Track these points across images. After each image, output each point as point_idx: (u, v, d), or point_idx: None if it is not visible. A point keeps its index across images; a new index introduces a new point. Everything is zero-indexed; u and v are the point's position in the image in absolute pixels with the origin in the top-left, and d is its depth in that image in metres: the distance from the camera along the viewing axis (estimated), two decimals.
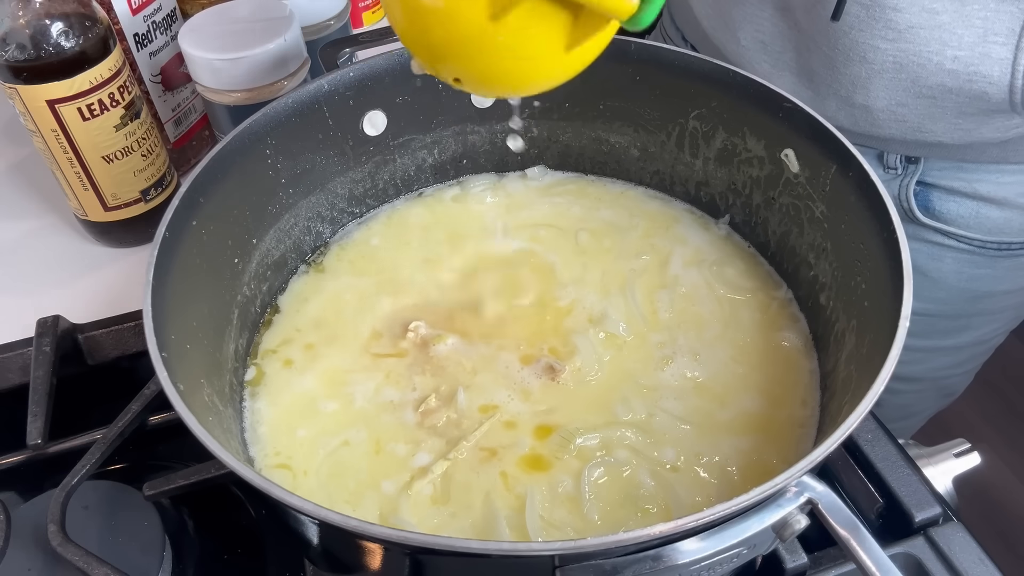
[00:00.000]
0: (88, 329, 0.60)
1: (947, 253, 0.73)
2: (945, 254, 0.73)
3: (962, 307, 0.77)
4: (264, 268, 0.56)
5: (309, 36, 0.71)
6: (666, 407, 0.49)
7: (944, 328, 0.79)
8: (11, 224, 0.75)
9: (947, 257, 0.73)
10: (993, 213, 0.70)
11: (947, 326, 0.79)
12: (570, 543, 0.32)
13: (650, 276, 0.57)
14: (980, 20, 0.57)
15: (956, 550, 0.47)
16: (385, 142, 0.61)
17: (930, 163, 0.69)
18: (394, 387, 0.51)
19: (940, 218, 0.71)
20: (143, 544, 0.48)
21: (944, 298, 0.76)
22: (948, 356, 0.84)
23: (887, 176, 0.72)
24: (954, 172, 0.69)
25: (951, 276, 0.74)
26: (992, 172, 0.68)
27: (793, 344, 0.53)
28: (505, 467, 0.47)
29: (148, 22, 0.68)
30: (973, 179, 0.69)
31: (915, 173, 0.70)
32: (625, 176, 0.65)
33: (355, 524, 0.33)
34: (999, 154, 0.67)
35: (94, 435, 0.53)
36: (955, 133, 0.65)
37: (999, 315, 0.80)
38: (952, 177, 0.69)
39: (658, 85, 0.58)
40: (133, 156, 0.65)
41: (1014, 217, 0.70)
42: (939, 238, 0.72)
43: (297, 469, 0.48)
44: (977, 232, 0.71)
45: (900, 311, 0.40)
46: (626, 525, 0.44)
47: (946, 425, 1.66)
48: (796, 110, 0.51)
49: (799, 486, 0.36)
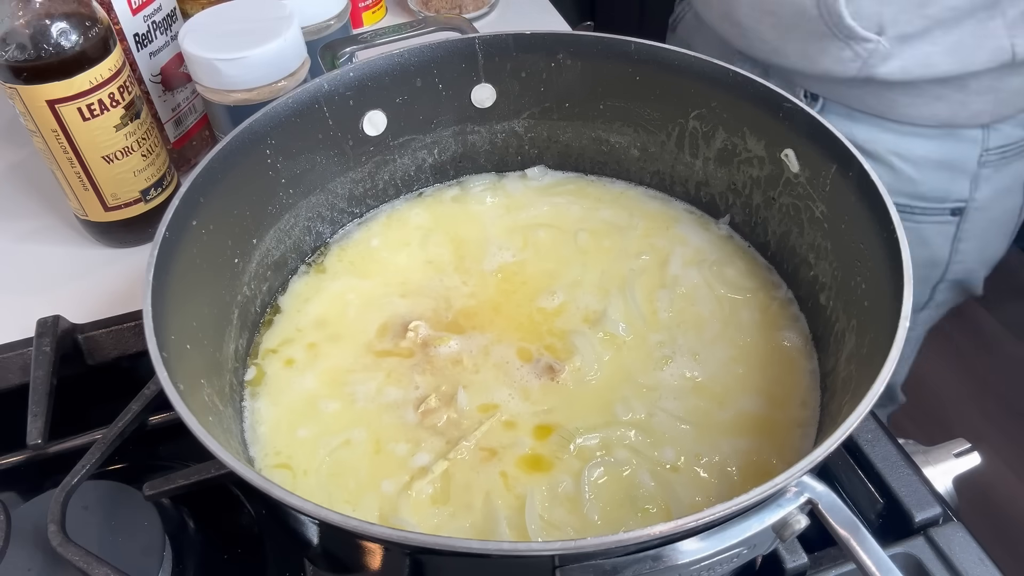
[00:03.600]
0: (88, 329, 0.60)
1: None
2: None
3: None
4: (264, 268, 0.56)
5: (309, 36, 0.71)
6: (666, 407, 0.49)
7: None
8: (11, 224, 0.75)
9: None
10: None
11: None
12: (570, 543, 0.32)
13: (650, 276, 0.57)
14: None
15: (956, 550, 0.47)
16: (385, 142, 0.61)
17: (829, 106, 0.80)
18: (395, 386, 0.51)
19: None
20: (143, 544, 0.48)
21: None
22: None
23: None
24: (844, 121, 0.79)
25: None
26: (874, 127, 0.78)
27: (793, 344, 0.53)
28: (505, 467, 0.47)
29: (148, 22, 0.68)
30: (856, 130, 0.79)
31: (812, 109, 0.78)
32: (625, 176, 0.65)
33: (355, 524, 0.33)
34: (875, 104, 0.77)
35: (94, 435, 0.53)
36: (803, 61, 0.76)
37: None
38: (841, 125, 0.75)
39: (658, 85, 0.58)
40: (133, 156, 0.65)
41: (882, 173, 0.74)
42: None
43: (297, 469, 0.48)
44: None
45: (900, 311, 0.40)
46: (626, 525, 0.44)
47: (946, 425, 1.66)
48: (796, 110, 0.51)
49: (799, 486, 0.36)
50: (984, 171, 0.80)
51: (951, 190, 0.81)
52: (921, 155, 0.79)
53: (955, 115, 0.76)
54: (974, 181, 0.80)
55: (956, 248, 0.85)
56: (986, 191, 0.81)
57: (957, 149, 0.79)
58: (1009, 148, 0.79)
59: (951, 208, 0.82)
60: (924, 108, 0.76)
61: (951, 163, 0.79)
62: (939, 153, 0.79)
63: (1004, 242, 0.91)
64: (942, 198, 0.81)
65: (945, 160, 0.79)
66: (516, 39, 0.58)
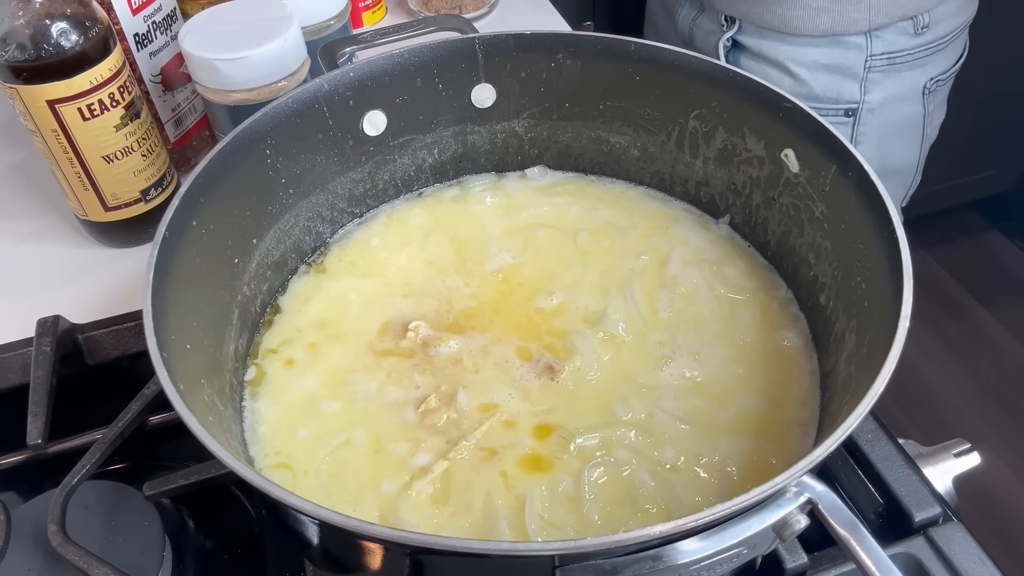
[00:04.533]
0: (88, 329, 0.60)
1: None
2: None
3: None
4: (264, 268, 0.56)
5: (309, 36, 0.71)
6: (666, 407, 0.49)
7: None
8: (11, 224, 0.75)
9: None
10: (771, 73, 0.93)
11: None
12: (570, 543, 0.32)
13: (649, 276, 0.57)
14: None
15: (956, 550, 0.47)
16: (385, 142, 0.61)
17: (744, 27, 0.94)
18: (396, 386, 0.51)
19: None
20: (143, 544, 0.48)
21: None
22: None
23: (718, 32, 0.96)
24: (756, 38, 0.93)
25: None
26: (776, 40, 0.92)
27: (793, 344, 0.53)
28: (505, 467, 0.47)
29: (148, 22, 0.68)
30: (764, 44, 0.93)
31: (730, 31, 0.95)
32: (625, 176, 0.65)
33: (355, 524, 0.33)
34: (772, 20, 0.90)
35: (94, 435, 0.53)
36: None
37: None
38: (754, 42, 0.94)
39: (658, 85, 0.58)
40: (133, 156, 0.65)
41: (783, 78, 0.92)
42: None
43: (297, 469, 0.48)
44: None
45: (900, 311, 0.40)
46: (626, 525, 0.44)
47: (946, 425, 1.66)
48: (796, 110, 0.51)
49: (799, 486, 0.36)
50: (873, 75, 0.91)
51: (842, 92, 0.92)
52: (812, 60, 0.91)
53: (835, 24, 0.88)
54: (863, 85, 0.91)
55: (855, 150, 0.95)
56: (877, 95, 0.92)
57: (845, 56, 0.90)
58: (895, 55, 0.90)
59: (844, 109, 0.93)
60: (809, 20, 0.88)
61: (840, 67, 0.90)
62: (828, 59, 0.90)
63: (911, 151, 1.00)
64: (835, 99, 0.92)
65: (834, 64, 0.90)
66: (516, 39, 0.58)
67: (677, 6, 1.03)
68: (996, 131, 1.75)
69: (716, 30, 0.97)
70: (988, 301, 1.90)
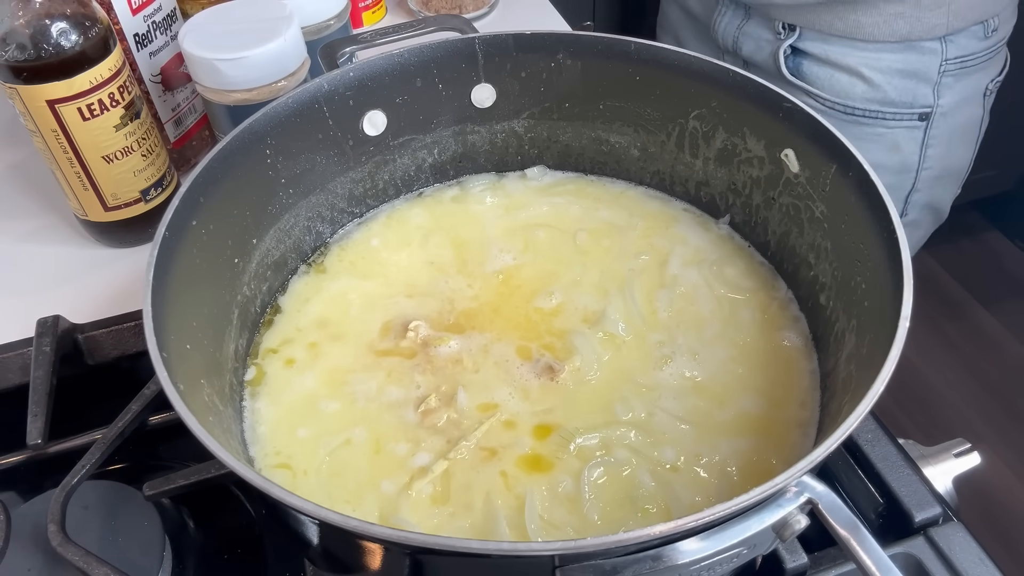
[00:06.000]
0: (88, 329, 0.60)
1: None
2: None
3: None
4: (264, 268, 0.56)
5: (309, 36, 0.71)
6: (665, 407, 0.49)
7: None
8: (11, 224, 0.75)
9: None
10: (842, 78, 0.91)
11: None
12: (570, 543, 0.32)
13: (649, 276, 0.57)
14: None
15: (956, 550, 0.47)
16: (385, 142, 0.61)
17: (805, 33, 0.92)
18: (396, 385, 0.51)
19: (804, 78, 0.93)
20: (143, 544, 0.48)
21: None
22: None
23: (774, 40, 0.94)
24: (820, 43, 0.91)
25: None
26: (845, 45, 0.90)
27: (793, 344, 0.53)
28: (505, 467, 0.47)
29: (148, 22, 0.68)
30: (831, 49, 0.91)
31: (790, 39, 0.93)
32: (625, 176, 0.65)
33: (355, 524, 0.33)
34: (843, 28, 0.88)
35: (94, 435, 0.53)
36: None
37: None
38: (818, 47, 0.92)
39: (658, 85, 0.58)
40: (133, 156, 0.65)
41: (856, 83, 0.91)
42: (803, 97, 0.92)
43: (297, 469, 0.48)
44: (828, 93, 0.92)
45: (900, 311, 0.40)
46: (626, 525, 0.44)
47: (946, 425, 1.66)
48: (796, 110, 0.51)
49: (799, 486, 0.36)
50: (946, 79, 0.91)
51: (917, 96, 0.92)
52: (887, 66, 0.90)
53: (912, 30, 0.87)
54: (937, 89, 0.91)
55: (925, 154, 0.96)
56: (949, 98, 0.92)
57: (920, 60, 0.90)
58: (967, 59, 0.90)
59: (918, 113, 0.93)
60: (885, 26, 0.87)
61: (915, 72, 0.90)
62: (902, 63, 0.90)
63: (968, 153, 1.01)
64: (909, 104, 0.92)
65: (909, 69, 0.90)
66: (516, 39, 0.58)
67: (715, 14, 1.00)
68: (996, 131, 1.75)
69: (770, 37, 0.95)
70: (988, 301, 1.90)
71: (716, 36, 1.01)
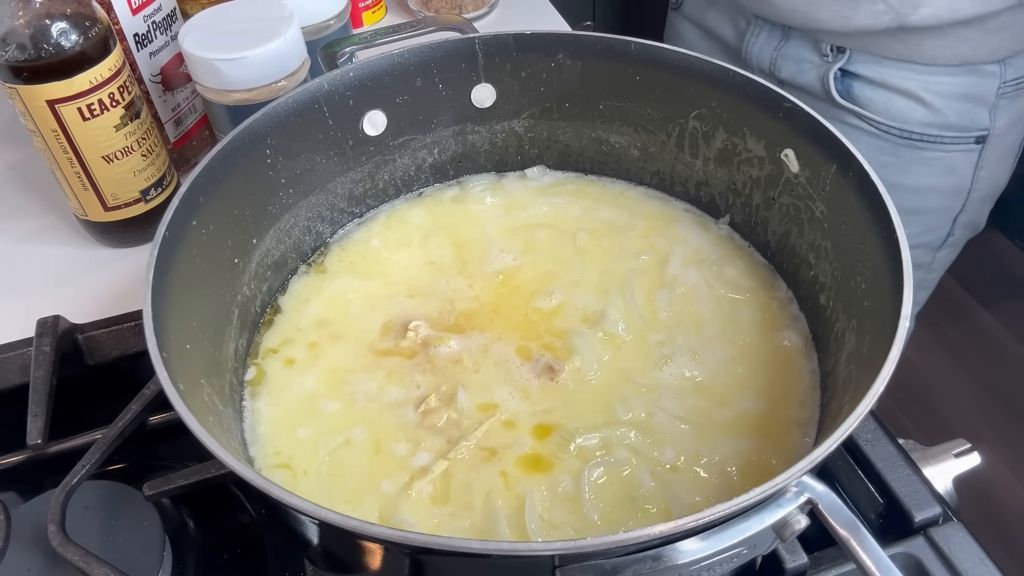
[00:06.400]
0: (88, 329, 0.60)
1: (860, 136, 0.89)
2: (860, 137, 0.89)
3: None
4: (264, 268, 0.56)
5: (309, 36, 0.71)
6: (665, 407, 0.49)
7: None
8: (11, 224, 0.75)
9: (860, 141, 0.86)
10: (899, 102, 0.87)
11: None
12: (570, 543, 0.32)
13: (649, 276, 0.57)
14: None
15: (956, 550, 0.47)
16: (385, 142, 0.61)
17: (855, 55, 0.86)
18: (396, 385, 0.51)
19: (856, 102, 0.88)
20: (143, 544, 0.48)
21: None
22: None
23: (821, 62, 0.88)
24: (873, 65, 0.86)
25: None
26: (902, 68, 0.85)
27: (793, 344, 0.53)
28: (505, 467, 0.47)
29: (148, 22, 0.68)
30: (886, 72, 0.86)
31: (840, 61, 0.87)
32: (625, 176, 0.65)
33: (355, 524, 0.33)
34: (902, 51, 0.84)
35: (94, 435, 0.53)
36: (838, 20, 0.82)
37: (909, 218, 0.87)
38: (871, 70, 0.86)
39: (658, 85, 0.58)
40: (133, 156, 0.65)
41: (915, 107, 0.86)
42: (854, 120, 0.89)
43: (297, 469, 0.48)
44: (884, 117, 0.88)
45: (900, 311, 0.40)
46: (626, 525, 0.44)
47: (946, 425, 1.66)
48: (796, 110, 0.51)
49: (799, 486, 0.36)
50: (1002, 101, 0.88)
51: (975, 119, 0.88)
52: (947, 90, 0.86)
53: (975, 53, 0.83)
54: (993, 111, 0.88)
55: (977, 176, 0.93)
56: (1003, 120, 0.89)
57: (979, 83, 0.86)
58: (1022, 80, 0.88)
59: (975, 136, 0.89)
60: (948, 50, 0.83)
61: (973, 96, 0.87)
62: (963, 87, 0.86)
63: (1009, 170, 0.98)
64: (968, 127, 0.88)
65: (968, 93, 0.86)
66: (516, 39, 0.58)
67: (747, 35, 0.95)
68: None
69: (815, 60, 0.89)
70: (988, 301, 1.90)
71: (748, 58, 0.96)
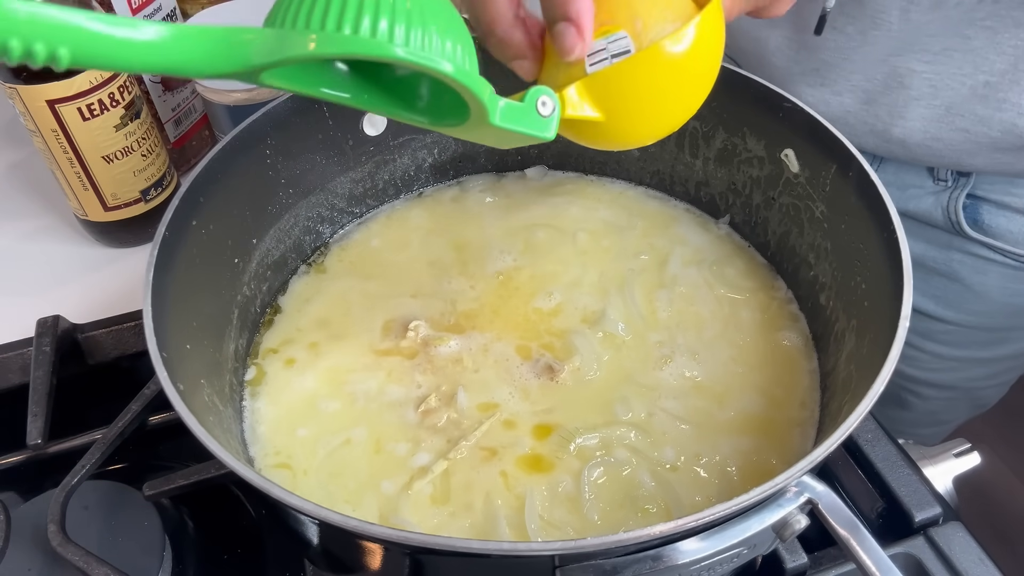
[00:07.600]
0: (88, 329, 0.60)
1: (992, 267, 0.73)
2: (990, 268, 0.73)
3: (1003, 321, 0.77)
4: (264, 268, 0.56)
5: None
6: (665, 407, 0.49)
7: (983, 340, 0.79)
8: (11, 224, 0.75)
9: (992, 271, 0.73)
10: None
11: (986, 338, 0.79)
12: (570, 543, 0.32)
13: (649, 276, 0.57)
14: (1011, 48, 0.58)
15: (956, 550, 0.47)
16: (385, 142, 0.61)
17: (982, 177, 0.69)
18: (396, 385, 0.51)
19: (988, 232, 0.71)
20: (143, 544, 0.48)
21: (986, 311, 0.76)
22: (984, 367, 0.84)
23: (936, 188, 0.71)
24: (1006, 187, 0.69)
25: (995, 290, 0.74)
26: None
27: (793, 344, 0.53)
28: (505, 467, 0.47)
29: None
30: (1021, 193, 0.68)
31: (965, 186, 0.70)
32: (625, 176, 0.65)
33: (355, 524, 0.33)
34: None
35: (94, 435, 0.53)
36: (996, 167, 0.66)
37: None
38: (1003, 192, 0.69)
39: None
40: (133, 156, 0.65)
41: None
42: (985, 252, 0.72)
43: (297, 469, 0.48)
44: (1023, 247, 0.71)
45: (900, 311, 0.40)
46: (626, 525, 0.44)
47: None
48: (796, 110, 0.51)
49: (799, 486, 0.36)
50: None
51: None
52: None
53: None
54: None
55: None
56: None
57: None
58: None
59: None
60: None
61: None
62: None
63: None
64: None
65: None
66: None
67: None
68: None
69: (925, 185, 0.71)
70: None
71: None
